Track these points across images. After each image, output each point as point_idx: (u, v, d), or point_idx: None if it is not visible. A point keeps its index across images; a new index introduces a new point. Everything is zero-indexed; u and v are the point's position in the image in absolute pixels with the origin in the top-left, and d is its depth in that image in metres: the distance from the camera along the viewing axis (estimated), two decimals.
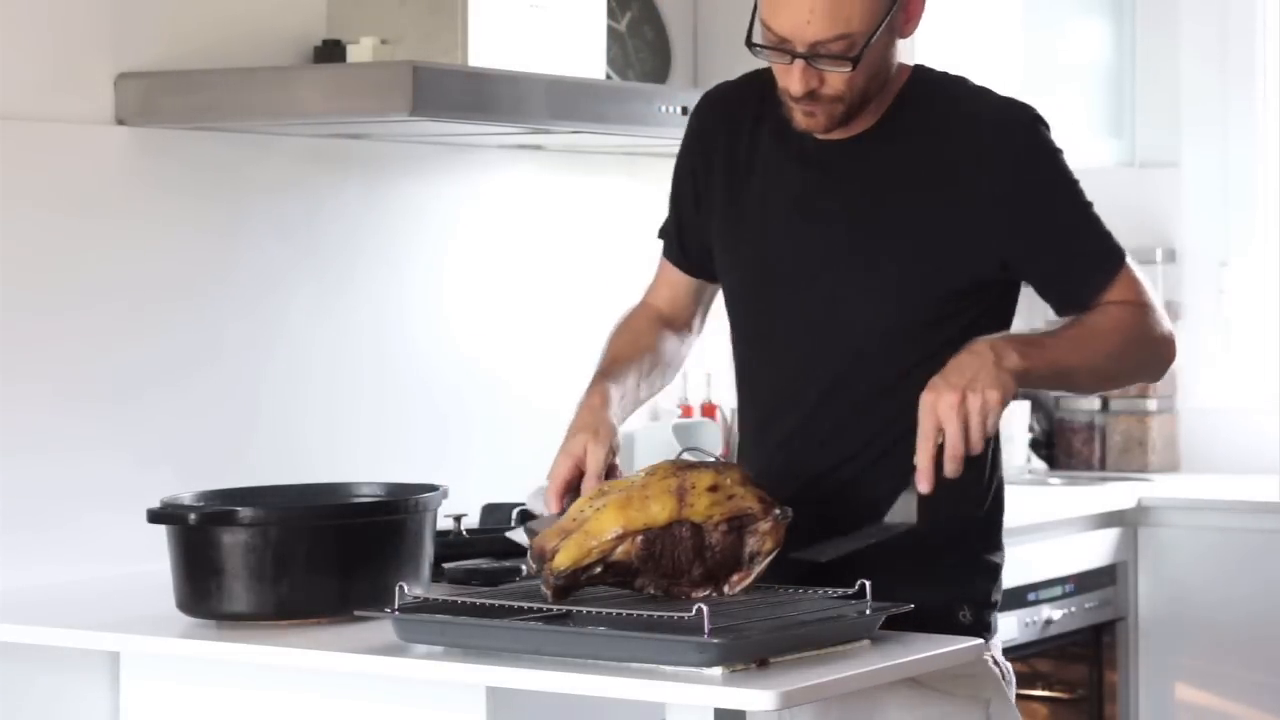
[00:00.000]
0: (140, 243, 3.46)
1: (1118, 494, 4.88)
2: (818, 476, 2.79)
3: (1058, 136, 2.80)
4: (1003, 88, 2.84)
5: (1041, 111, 2.81)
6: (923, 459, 2.60)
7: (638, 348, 2.92)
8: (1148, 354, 2.82)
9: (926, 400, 2.60)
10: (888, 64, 2.74)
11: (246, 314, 3.62)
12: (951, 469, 2.59)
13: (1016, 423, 5.26)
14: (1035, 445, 5.37)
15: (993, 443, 2.82)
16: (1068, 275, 2.80)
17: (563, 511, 2.68)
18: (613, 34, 4.32)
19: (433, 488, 3.01)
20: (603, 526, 2.58)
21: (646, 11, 4.51)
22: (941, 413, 2.59)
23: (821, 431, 2.80)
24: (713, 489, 2.62)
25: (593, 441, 2.73)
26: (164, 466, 3.43)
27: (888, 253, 2.75)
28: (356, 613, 2.72)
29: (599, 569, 2.59)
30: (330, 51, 3.61)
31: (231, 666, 2.88)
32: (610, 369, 2.87)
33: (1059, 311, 2.84)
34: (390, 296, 3.89)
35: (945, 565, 2.80)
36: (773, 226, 2.83)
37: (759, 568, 2.64)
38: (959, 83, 2.85)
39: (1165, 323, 2.81)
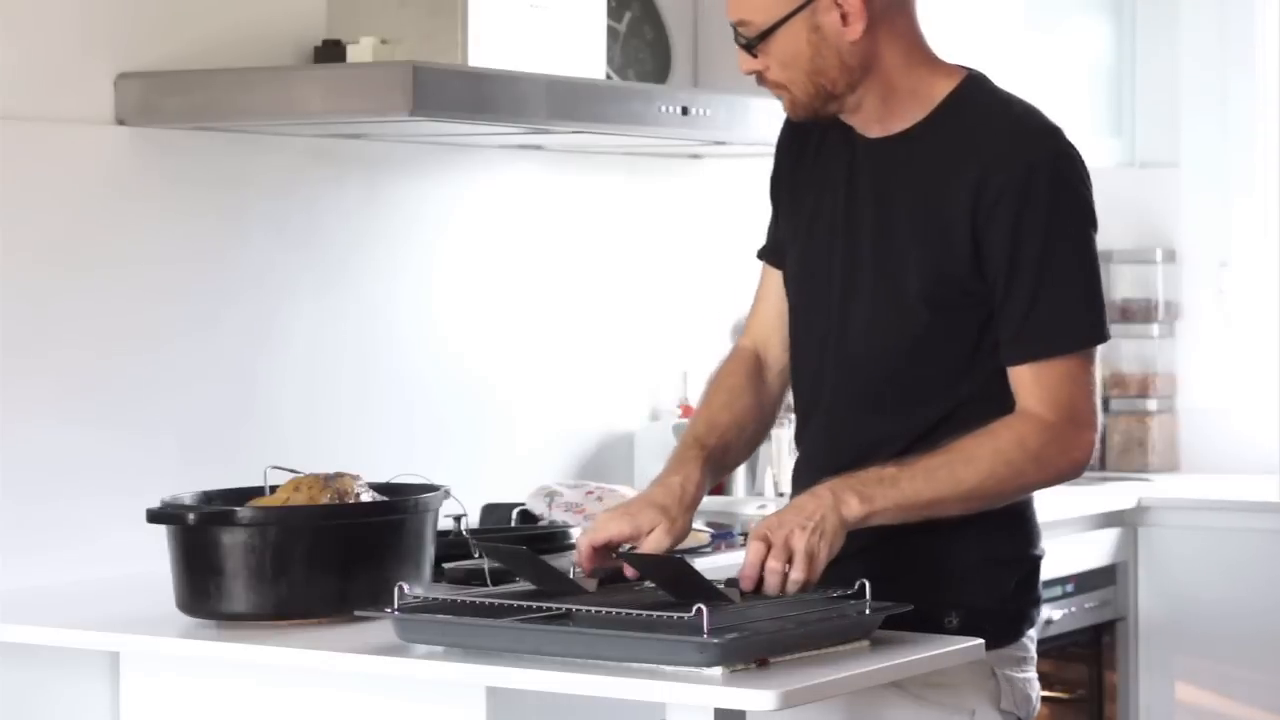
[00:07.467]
0: (140, 242, 3.46)
1: (1118, 494, 4.87)
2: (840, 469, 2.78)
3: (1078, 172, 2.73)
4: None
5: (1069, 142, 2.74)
6: (745, 572, 2.63)
7: (734, 411, 2.89)
8: (1036, 478, 2.80)
9: (758, 533, 2.63)
10: (829, 61, 2.72)
11: (246, 314, 3.62)
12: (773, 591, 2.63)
13: None
14: None
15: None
16: (1018, 329, 2.71)
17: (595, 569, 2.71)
18: (612, 34, 4.32)
19: (433, 488, 3.01)
20: None
21: (646, 11, 4.51)
22: (768, 562, 2.61)
23: (842, 435, 2.81)
24: None
25: (664, 533, 2.72)
26: (163, 466, 3.42)
27: (895, 257, 2.75)
28: (356, 613, 2.72)
29: None
30: (330, 51, 3.61)
31: (231, 666, 2.88)
32: (707, 438, 2.84)
33: (1000, 354, 2.74)
34: (390, 296, 3.88)
35: (937, 569, 2.78)
36: (817, 230, 2.84)
37: None
38: (1007, 101, 2.80)
39: (1078, 442, 2.75)
